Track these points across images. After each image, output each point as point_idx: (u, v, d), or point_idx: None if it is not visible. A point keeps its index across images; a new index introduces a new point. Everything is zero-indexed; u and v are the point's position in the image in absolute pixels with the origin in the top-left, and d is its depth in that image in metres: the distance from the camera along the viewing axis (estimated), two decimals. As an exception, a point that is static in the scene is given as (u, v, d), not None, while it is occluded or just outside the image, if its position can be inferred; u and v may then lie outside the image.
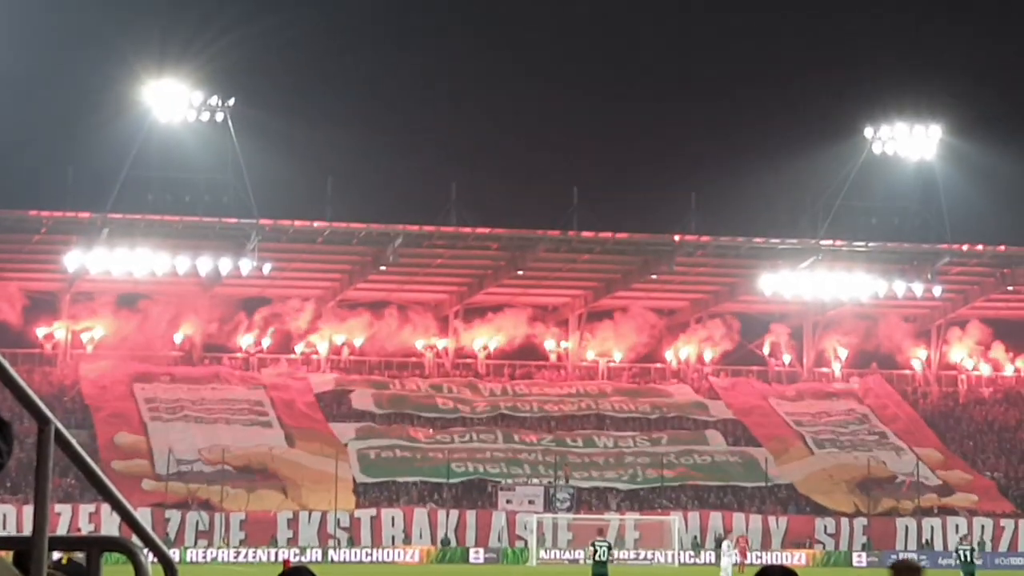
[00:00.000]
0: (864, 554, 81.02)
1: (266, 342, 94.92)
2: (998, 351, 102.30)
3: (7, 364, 4.72)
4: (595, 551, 50.63)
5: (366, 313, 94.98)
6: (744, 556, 74.66)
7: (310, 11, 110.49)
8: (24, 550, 5.05)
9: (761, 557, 77.64)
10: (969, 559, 55.37)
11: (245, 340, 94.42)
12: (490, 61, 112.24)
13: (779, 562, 75.50)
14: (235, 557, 75.52)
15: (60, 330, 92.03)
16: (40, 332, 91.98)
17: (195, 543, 76.86)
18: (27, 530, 5.04)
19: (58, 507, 73.22)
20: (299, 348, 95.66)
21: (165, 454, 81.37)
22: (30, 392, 4.89)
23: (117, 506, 5.35)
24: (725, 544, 58.24)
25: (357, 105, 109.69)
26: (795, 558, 77.98)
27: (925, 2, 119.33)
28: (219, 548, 76.22)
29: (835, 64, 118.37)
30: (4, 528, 73.43)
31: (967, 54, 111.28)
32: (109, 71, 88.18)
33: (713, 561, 76.51)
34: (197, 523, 78.02)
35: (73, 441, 5.25)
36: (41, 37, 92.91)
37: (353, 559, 76.64)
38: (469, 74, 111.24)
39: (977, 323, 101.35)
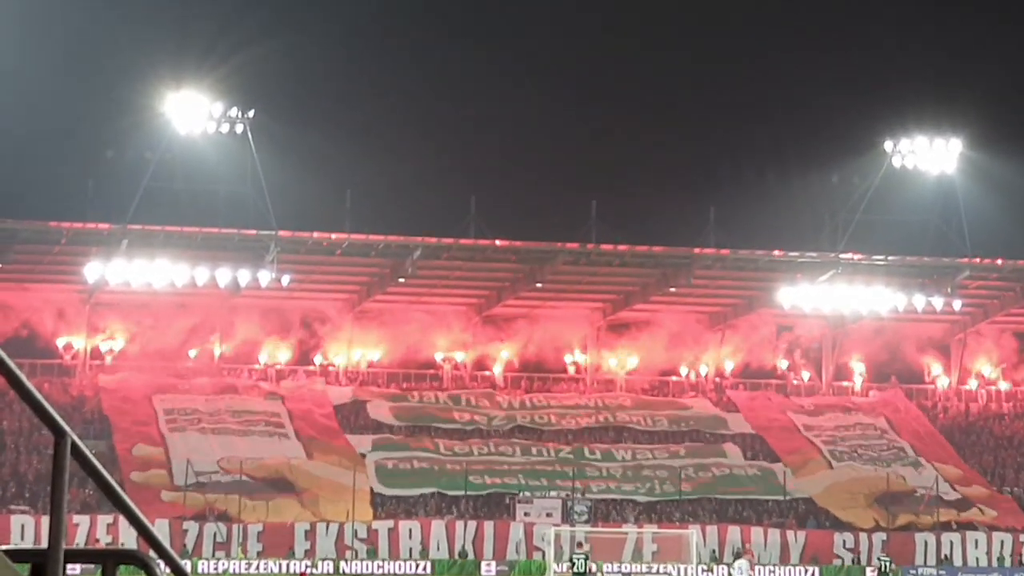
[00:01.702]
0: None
1: (284, 354, 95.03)
2: (1019, 366, 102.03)
3: (24, 378, 4.74)
4: (573, 563, 51.58)
5: (384, 325, 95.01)
6: (751, 570, 74.64)
7: (330, 23, 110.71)
8: (40, 563, 5.07)
9: (774, 572, 77.64)
10: (887, 570, 57.53)
11: (264, 351, 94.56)
12: (509, 74, 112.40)
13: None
14: (247, 568, 75.46)
15: (79, 341, 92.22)
16: (59, 343, 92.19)
17: (213, 554, 76.96)
18: (44, 541, 5.06)
19: (76, 518, 73.35)
20: (317, 360, 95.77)
21: (183, 465, 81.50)
22: (47, 405, 4.91)
23: (132, 519, 5.36)
24: (739, 563, 57.70)
25: (376, 117, 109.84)
26: (808, 573, 77.78)
27: (945, 15, 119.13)
28: (235, 559, 76.26)
29: (854, 77, 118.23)
30: (22, 538, 73.58)
31: (987, 67, 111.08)
32: (129, 83, 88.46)
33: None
34: (215, 534, 78.10)
35: (89, 454, 5.27)
36: (61, 49, 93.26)
37: (365, 571, 76.53)
38: (488, 87, 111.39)
39: (997, 337, 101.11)
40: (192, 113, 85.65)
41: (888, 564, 59.44)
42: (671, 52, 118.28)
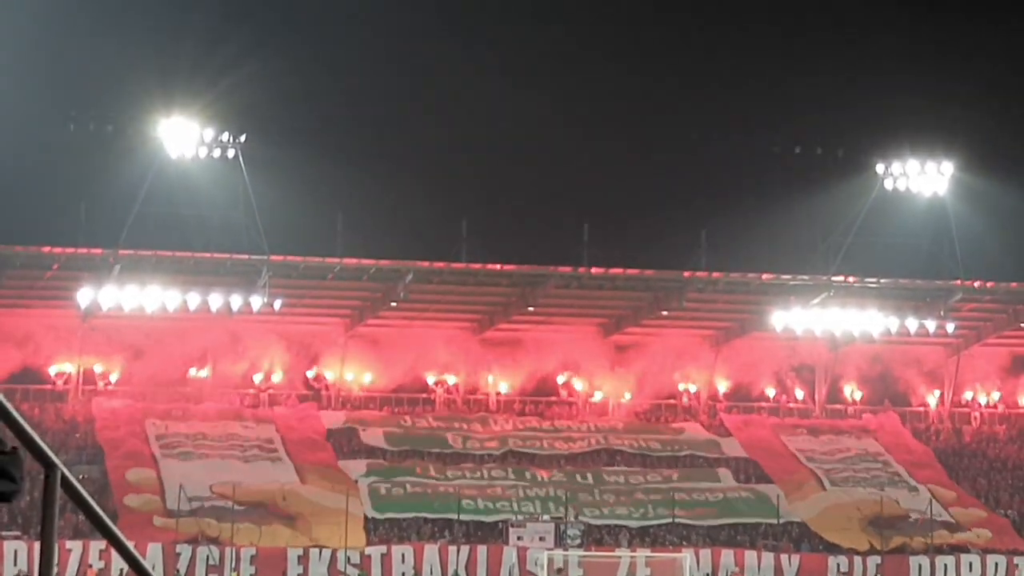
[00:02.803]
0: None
1: (277, 378, 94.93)
2: (1012, 388, 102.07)
3: (14, 411, 4.71)
4: None
5: (377, 349, 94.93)
6: None
7: (321, 48, 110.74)
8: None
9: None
10: None
11: (256, 377, 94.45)
12: (500, 97, 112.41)
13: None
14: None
15: (72, 366, 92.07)
16: (52, 369, 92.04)
17: (205, 579, 76.86)
18: (37, 567, 5.03)
19: (68, 543, 73.24)
20: (310, 384, 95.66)
21: (176, 490, 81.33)
22: (37, 439, 4.88)
23: (121, 549, 5.33)
24: None
25: (368, 141, 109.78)
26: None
27: (937, 37, 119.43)
28: (229, 585, 76.16)
29: (846, 100, 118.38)
30: (15, 564, 73.51)
31: (980, 90, 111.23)
32: (121, 108, 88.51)
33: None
34: (207, 558, 77.93)
35: (78, 485, 5.23)
36: (53, 74, 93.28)
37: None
38: (480, 110, 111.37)
39: (991, 360, 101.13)
40: (183, 138, 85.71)
41: None
42: (662, 74, 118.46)
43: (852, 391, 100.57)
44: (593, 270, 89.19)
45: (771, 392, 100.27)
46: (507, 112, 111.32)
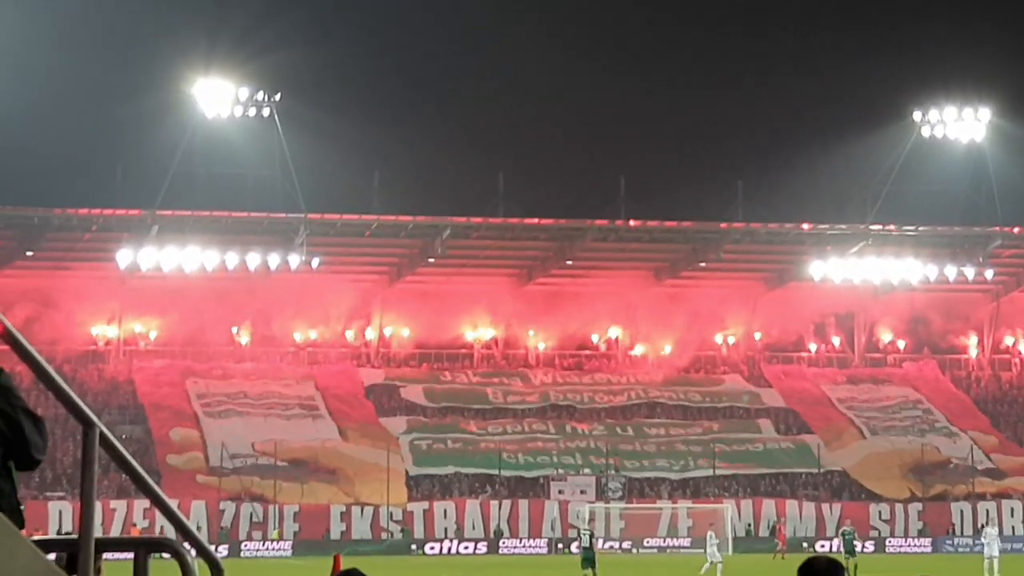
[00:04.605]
0: (904, 540, 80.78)
1: (316, 336, 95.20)
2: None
3: (51, 370, 4.79)
4: (581, 538, 52.01)
5: (415, 306, 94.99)
6: (784, 542, 74.86)
7: (354, 6, 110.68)
8: (72, 553, 5.12)
9: (806, 545, 77.55)
10: (851, 538, 58.15)
11: (296, 334, 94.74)
12: (536, 53, 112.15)
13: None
14: (271, 550, 75.54)
15: (113, 327, 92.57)
16: (94, 330, 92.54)
17: (249, 536, 77.36)
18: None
19: (113, 503, 73.85)
20: (349, 341, 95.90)
21: (219, 448, 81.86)
22: (75, 397, 4.96)
23: (162, 507, 5.41)
24: (710, 533, 57.99)
25: (403, 98, 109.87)
26: (832, 545, 77.23)
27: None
28: (273, 540, 76.55)
29: (882, 48, 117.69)
30: (60, 524, 74.11)
31: (1015, 35, 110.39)
32: (156, 68, 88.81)
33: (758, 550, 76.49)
34: (251, 516, 78.47)
35: (118, 443, 5.32)
36: (89, 36, 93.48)
37: (400, 552, 76.32)
38: (515, 65, 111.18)
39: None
40: (219, 98, 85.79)
41: (850, 534, 60.01)
42: (697, 28, 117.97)
43: (891, 340, 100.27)
44: (631, 223, 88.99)
45: (810, 342, 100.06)
46: (542, 67, 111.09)
